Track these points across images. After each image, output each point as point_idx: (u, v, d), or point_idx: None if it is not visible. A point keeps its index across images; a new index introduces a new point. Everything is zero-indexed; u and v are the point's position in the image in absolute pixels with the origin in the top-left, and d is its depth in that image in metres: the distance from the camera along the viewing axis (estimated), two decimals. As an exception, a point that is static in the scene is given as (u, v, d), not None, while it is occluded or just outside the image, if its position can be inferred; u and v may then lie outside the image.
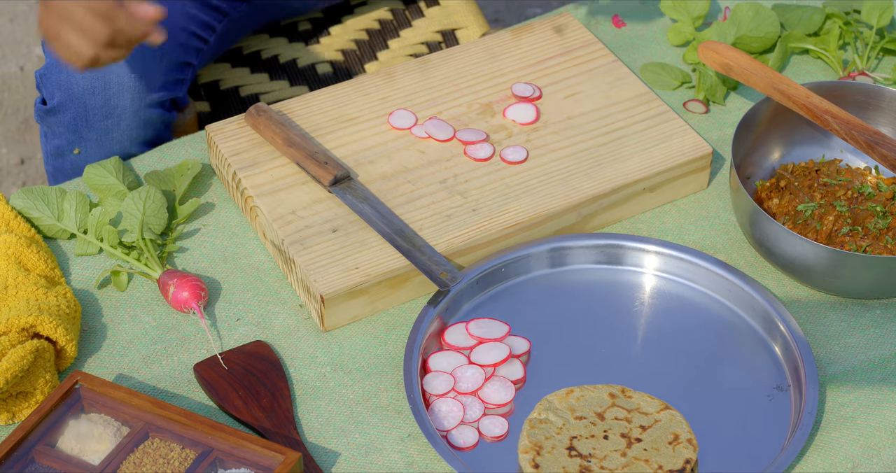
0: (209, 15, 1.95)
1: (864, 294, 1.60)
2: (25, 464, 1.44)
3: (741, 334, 1.59)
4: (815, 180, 1.68)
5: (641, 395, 1.50)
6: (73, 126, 1.85)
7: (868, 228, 1.62)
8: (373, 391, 1.54)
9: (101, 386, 1.49)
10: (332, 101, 1.77)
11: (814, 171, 1.69)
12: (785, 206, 1.66)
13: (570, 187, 1.67)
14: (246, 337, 1.59)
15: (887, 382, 1.55)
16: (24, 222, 1.66)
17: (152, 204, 1.65)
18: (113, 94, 1.82)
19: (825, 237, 1.62)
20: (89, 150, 1.87)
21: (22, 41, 3.09)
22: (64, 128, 1.86)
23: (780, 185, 1.68)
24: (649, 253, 1.65)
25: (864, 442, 1.50)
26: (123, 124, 1.85)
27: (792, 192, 1.67)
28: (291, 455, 1.43)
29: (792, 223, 1.64)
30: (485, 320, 1.59)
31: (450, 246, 1.61)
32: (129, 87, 1.82)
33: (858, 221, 1.63)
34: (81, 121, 1.84)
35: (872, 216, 1.63)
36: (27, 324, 1.51)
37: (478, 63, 1.82)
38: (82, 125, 1.84)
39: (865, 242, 1.61)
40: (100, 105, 1.83)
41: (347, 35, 2.13)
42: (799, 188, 1.67)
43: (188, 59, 1.91)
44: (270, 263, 1.67)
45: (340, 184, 1.66)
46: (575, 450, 1.45)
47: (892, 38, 1.88)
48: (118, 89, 1.82)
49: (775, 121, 1.71)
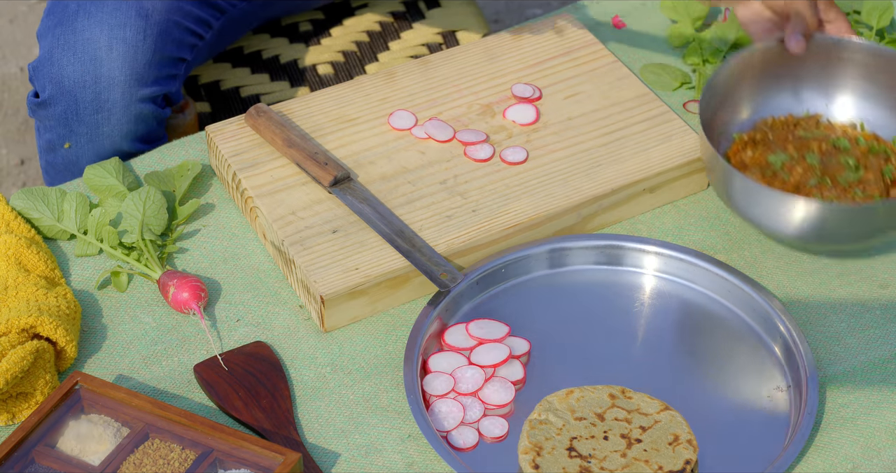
0: (206, 11, 1.95)
1: (807, 241, 1.59)
2: (25, 465, 1.44)
3: (741, 335, 1.59)
4: (791, 133, 1.68)
5: (641, 396, 1.50)
6: (64, 119, 1.84)
7: (837, 181, 1.61)
8: (373, 391, 1.54)
9: (101, 387, 1.49)
10: (332, 102, 1.77)
11: (792, 125, 1.69)
12: (758, 158, 1.65)
13: (570, 188, 1.67)
14: (246, 338, 1.59)
15: (887, 383, 1.55)
16: (24, 223, 1.66)
17: (152, 204, 1.65)
18: (104, 88, 1.82)
19: (792, 187, 1.61)
20: (80, 145, 1.86)
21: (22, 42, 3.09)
22: (55, 122, 1.85)
23: (756, 138, 1.68)
24: (649, 253, 1.65)
25: (864, 443, 1.50)
26: (114, 118, 1.84)
27: (766, 145, 1.66)
28: (291, 455, 1.43)
29: (761, 174, 1.63)
30: (485, 321, 1.59)
31: (450, 246, 1.61)
32: (119, 81, 1.82)
33: (828, 173, 1.62)
34: (72, 114, 1.84)
35: (844, 169, 1.62)
36: (27, 325, 1.51)
37: (478, 64, 1.82)
38: (73, 119, 1.84)
39: (832, 193, 1.60)
40: (90, 98, 1.82)
41: (348, 36, 2.13)
42: (773, 141, 1.66)
43: (181, 55, 1.90)
44: (270, 264, 1.67)
45: (340, 185, 1.66)
46: (575, 451, 1.45)
47: (892, 38, 1.88)
48: (109, 83, 1.82)
49: (751, 75, 1.72)
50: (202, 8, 1.94)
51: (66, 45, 1.82)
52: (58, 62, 1.82)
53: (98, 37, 1.81)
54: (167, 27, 1.86)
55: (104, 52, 1.81)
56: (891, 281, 1.65)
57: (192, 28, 1.92)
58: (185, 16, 1.91)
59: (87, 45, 1.81)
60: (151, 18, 1.83)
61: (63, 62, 1.82)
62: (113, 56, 1.81)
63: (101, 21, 1.81)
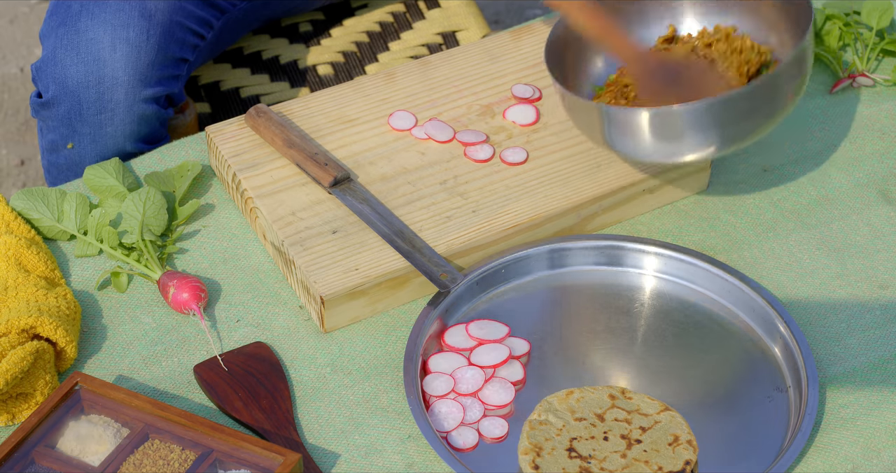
0: (207, 11, 1.95)
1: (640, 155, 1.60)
2: (25, 465, 1.44)
3: (741, 335, 1.60)
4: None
5: (641, 396, 1.50)
6: (67, 120, 1.85)
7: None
8: (373, 392, 1.54)
9: (100, 388, 1.49)
10: (332, 103, 1.77)
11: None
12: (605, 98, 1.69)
13: (570, 188, 1.67)
14: (246, 339, 1.59)
15: (887, 383, 1.55)
16: (24, 223, 1.66)
17: (152, 205, 1.65)
18: (107, 88, 1.82)
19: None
20: (83, 145, 1.86)
21: (22, 42, 3.09)
22: (58, 122, 1.86)
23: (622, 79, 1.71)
24: (649, 254, 1.65)
25: (864, 444, 1.50)
26: (117, 119, 1.84)
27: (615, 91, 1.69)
28: (291, 456, 1.43)
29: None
30: (485, 321, 1.59)
31: (450, 247, 1.61)
32: (123, 81, 1.82)
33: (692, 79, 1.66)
34: (75, 115, 1.84)
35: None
36: (27, 326, 1.51)
37: (478, 64, 1.82)
38: (76, 119, 1.84)
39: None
40: (94, 99, 1.83)
41: (348, 37, 2.13)
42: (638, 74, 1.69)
43: (184, 55, 1.90)
44: (270, 264, 1.67)
45: (340, 186, 1.66)
46: (575, 452, 1.45)
47: (892, 39, 1.88)
48: (112, 83, 1.82)
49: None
50: (203, 8, 1.95)
51: (69, 45, 1.82)
52: (61, 62, 1.82)
53: (102, 37, 1.81)
54: (170, 27, 1.86)
55: (108, 52, 1.81)
56: (891, 281, 1.65)
57: (194, 28, 1.92)
58: (188, 16, 1.91)
59: (90, 45, 1.81)
60: (154, 18, 1.84)
61: (66, 62, 1.82)
62: (116, 56, 1.81)
63: (104, 21, 1.81)
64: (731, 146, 1.58)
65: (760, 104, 1.55)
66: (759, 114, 1.56)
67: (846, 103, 1.84)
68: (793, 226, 1.71)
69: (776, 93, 1.56)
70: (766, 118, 1.57)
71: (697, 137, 1.55)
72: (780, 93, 1.56)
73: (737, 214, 1.72)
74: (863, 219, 1.71)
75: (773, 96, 1.56)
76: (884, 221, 1.71)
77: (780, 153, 1.78)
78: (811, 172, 1.76)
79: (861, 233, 1.70)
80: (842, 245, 1.68)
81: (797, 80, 1.58)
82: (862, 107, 1.83)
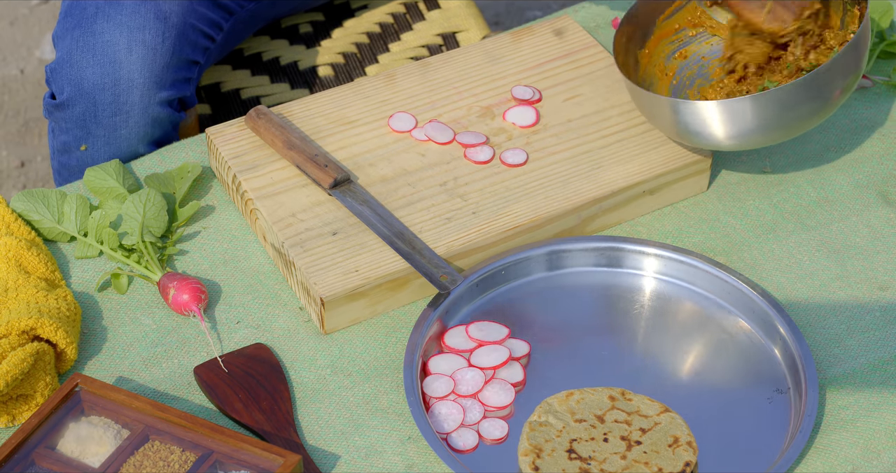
0: (217, 13, 1.96)
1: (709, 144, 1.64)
2: (25, 467, 1.44)
3: (741, 336, 1.60)
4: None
5: (641, 398, 1.50)
6: (82, 121, 1.85)
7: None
8: (373, 393, 1.54)
9: (101, 389, 1.49)
10: (332, 104, 1.77)
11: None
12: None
13: (570, 190, 1.67)
14: (246, 340, 1.59)
15: (887, 385, 1.55)
16: (24, 225, 1.67)
17: (152, 206, 1.66)
18: (123, 91, 1.82)
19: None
20: (97, 147, 1.87)
21: (22, 44, 3.10)
22: (72, 124, 1.86)
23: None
24: (649, 255, 1.65)
25: (863, 445, 1.50)
26: (132, 121, 1.85)
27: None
28: (291, 457, 1.43)
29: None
30: (485, 323, 1.59)
31: (449, 248, 1.61)
32: (138, 84, 1.83)
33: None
34: (90, 116, 1.84)
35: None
36: (27, 327, 1.51)
37: (478, 66, 1.82)
38: (91, 121, 1.84)
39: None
40: (109, 101, 1.83)
41: (348, 38, 2.13)
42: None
43: (196, 58, 1.91)
44: (270, 266, 1.67)
45: (340, 187, 1.66)
46: (575, 453, 1.45)
47: (892, 40, 1.88)
48: (128, 85, 1.82)
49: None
50: (214, 10, 1.95)
51: (85, 47, 1.82)
52: (77, 64, 1.82)
53: (118, 39, 1.81)
54: (184, 29, 1.87)
55: (124, 54, 1.81)
56: (890, 283, 1.65)
57: (206, 30, 1.93)
58: (200, 18, 1.91)
59: (106, 47, 1.81)
60: (169, 20, 1.84)
61: (82, 64, 1.82)
62: (132, 58, 1.81)
63: (120, 23, 1.82)
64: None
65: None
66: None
67: (846, 104, 1.84)
68: (793, 227, 1.71)
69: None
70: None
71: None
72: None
73: (737, 216, 1.72)
74: (863, 220, 1.71)
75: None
76: (883, 223, 1.71)
77: (780, 154, 1.78)
78: (811, 174, 1.76)
79: (861, 234, 1.70)
80: (842, 246, 1.68)
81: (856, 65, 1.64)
82: (862, 109, 1.83)
